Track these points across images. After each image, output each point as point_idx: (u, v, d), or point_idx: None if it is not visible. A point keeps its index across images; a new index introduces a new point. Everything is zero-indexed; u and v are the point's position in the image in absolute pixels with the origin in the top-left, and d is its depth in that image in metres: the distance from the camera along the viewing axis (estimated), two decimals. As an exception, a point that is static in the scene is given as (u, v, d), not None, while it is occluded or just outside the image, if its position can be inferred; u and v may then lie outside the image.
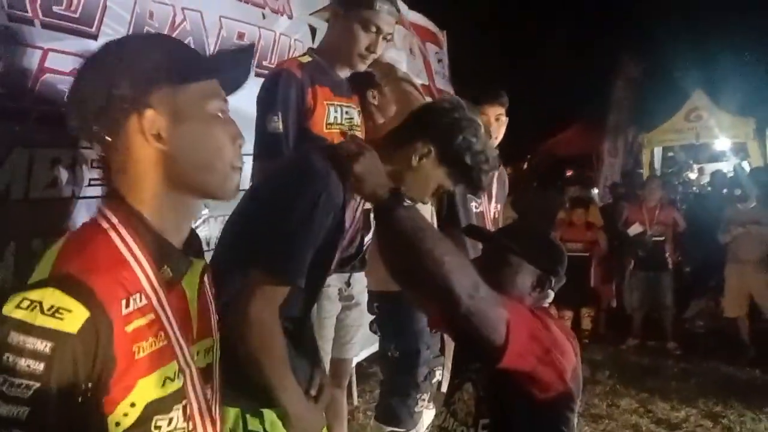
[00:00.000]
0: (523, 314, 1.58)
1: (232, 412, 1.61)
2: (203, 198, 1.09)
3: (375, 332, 2.81)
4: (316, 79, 2.31)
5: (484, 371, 1.69)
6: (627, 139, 12.78)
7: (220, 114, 1.06)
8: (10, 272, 1.83)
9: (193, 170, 1.04)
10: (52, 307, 0.88)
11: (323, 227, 1.56)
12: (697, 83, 12.20)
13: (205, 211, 2.74)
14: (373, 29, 2.26)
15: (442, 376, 3.01)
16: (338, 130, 3.09)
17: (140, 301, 0.96)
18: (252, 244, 1.57)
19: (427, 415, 2.90)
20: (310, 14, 2.99)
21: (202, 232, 2.77)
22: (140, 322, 0.96)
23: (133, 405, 0.94)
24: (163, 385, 0.98)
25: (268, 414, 1.60)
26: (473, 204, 3.12)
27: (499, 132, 3.12)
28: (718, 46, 18.03)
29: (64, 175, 2.05)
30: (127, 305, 0.94)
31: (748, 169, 10.15)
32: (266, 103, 2.28)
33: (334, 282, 2.74)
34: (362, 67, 2.35)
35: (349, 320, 2.57)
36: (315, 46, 2.75)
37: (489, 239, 1.95)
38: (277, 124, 2.22)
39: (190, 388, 1.04)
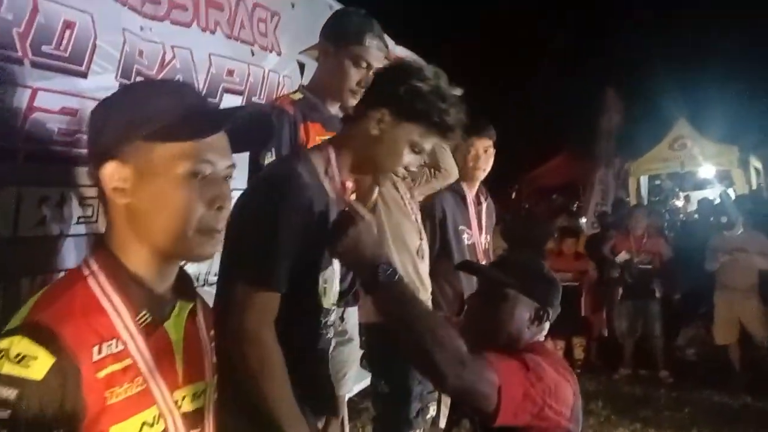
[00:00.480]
0: (514, 374, 1.56)
1: None
2: (172, 259, 1.07)
3: (364, 367, 2.79)
4: (308, 115, 2.35)
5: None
6: (614, 168, 12.94)
7: (195, 176, 1.02)
8: (-3, 312, 1.83)
9: (157, 232, 1.02)
10: (18, 354, 0.89)
11: (295, 230, 1.56)
12: (680, 112, 12.42)
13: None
14: (364, 65, 2.28)
15: (437, 411, 2.98)
16: None
17: (115, 347, 0.97)
18: (232, 261, 1.59)
19: None
20: (300, 53, 3.04)
21: (192, 268, 2.75)
22: (114, 367, 0.96)
23: None
24: (141, 430, 0.98)
25: None
26: (465, 236, 3.14)
27: (487, 164, 3.17)
28: (700, 75, 18.43)
29: (52, 213, 2.04)
30: (99, 351, 0.95)
31: (733, 196, 10.29)
32: None
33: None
34: (353, 102, 2.39)
35: (342, 356, 2.56)
36: (304, 81, 2.79)
37: (484, 274, 1.95)
38: (271, 159, 2.25)
39: None
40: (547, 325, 1.81)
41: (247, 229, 1.56)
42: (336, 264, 1.75)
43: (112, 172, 1.01)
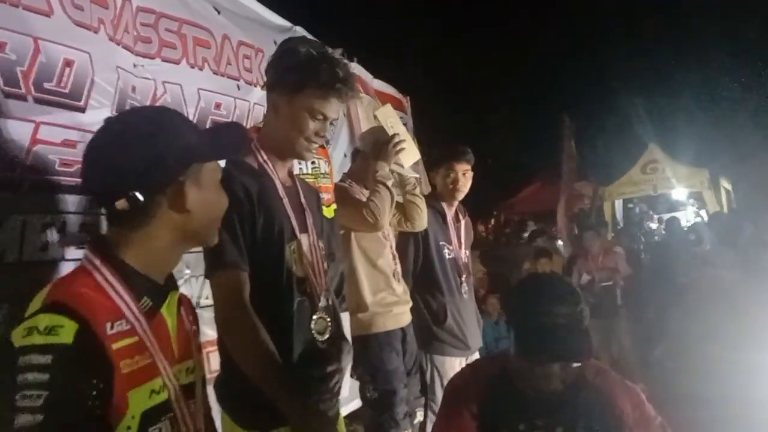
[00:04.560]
0: None
1: None
2: (199, 245, 1.32)
3: (351, 376, 2.92)
4: None
5: None
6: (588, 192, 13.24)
7: (220, 181, 1.33)
8: (2, 332, 1.93)
9: (204, 226, 1.28)
10: (46, 327, 1.04)
11: (236, 215, 1.70)
12: (652, 137, 12.75)
13: (187, 271, 2.85)
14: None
15: (424, 416, 3.12)
16: (308, 179, 3.28)
17: (124, 326, 1.13)
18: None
19: None
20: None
21: (185, 291, 2.86)
22: (125, 342, 1.12)
23: (133, 417, 1.10)
24: (150, 397, 1.14)
25: None
26: (446, 251, 3.31)
27: (466, 185, 3.37)
28: (670, 102, 18.96)
29: (54, 238, 2.16)
30: (112, 327, 1.11)
31: (705, 217, 10.60)
32: None
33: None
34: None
35: None
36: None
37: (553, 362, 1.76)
38: None
39: (174, 401, 1.20)
40: None
41: None
42: (304, 238, 1.88)
43: (182, 191, 1.21)
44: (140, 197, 1.17)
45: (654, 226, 13.38)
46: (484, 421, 1.82)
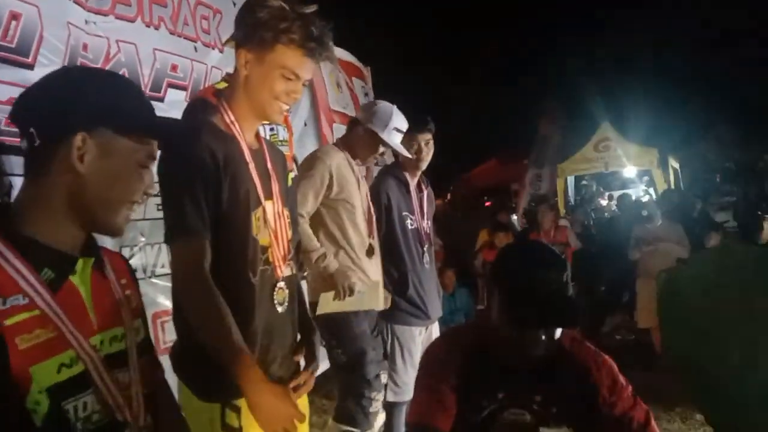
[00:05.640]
0: None
1: (211, 407, 1.69)
2: (89, 230, 1.21)
3: (320, 343, 2.91)
4: None
5: None
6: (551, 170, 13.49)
7: (145, 166, 1.21)
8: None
9: (100, 201, 1.17)
10: None
11: (197, 178, 1.64)
12: (605, 116, 12.98)
13: (142, 239, 2.77)
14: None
15: (393, 384, 3.15)
16: None
17: (21, 300, 1.06)
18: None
19: (382, 417, 3.03)
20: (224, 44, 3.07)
21: (139, 260, 2.79)
22: (21, 316, 1.05)
23: (40, 392, 1.04)
24: (59, 371, 1.08)
25: (246, 407, 1.64)
26: (408, 221, 3.30)
27: (428, 155, 3.37)
28: (623, 81, 19.35)
29: (7, 200, 2.06)
30: (4, 303, 1.04)
31: (654, 195, 10.90)
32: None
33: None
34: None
35: None
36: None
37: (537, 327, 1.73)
38: None
39: (94, 374, 1.14)
40: None
41: (161, 193, 1.68)
42: (269, 205, 1.80)
43: (82, 143, 1.12)
44: (37, 138, 1.12)
45: (604, 202, 13.69)
46: (464, 393, 1.79)
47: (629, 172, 13.66)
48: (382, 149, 3.09)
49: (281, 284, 1.82)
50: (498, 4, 20.54)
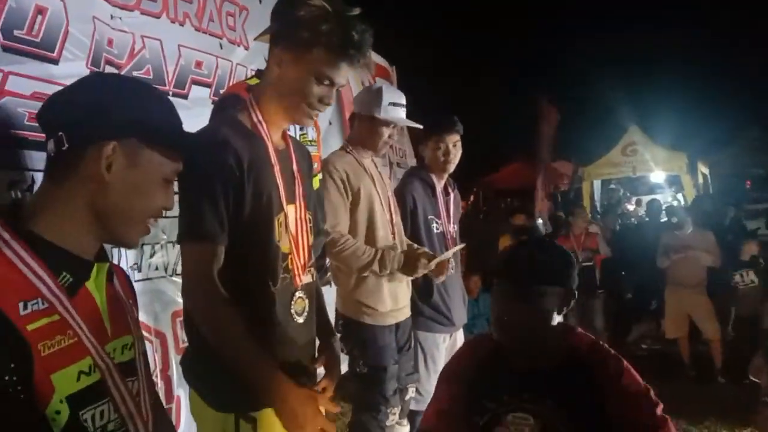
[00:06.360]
0: None
1: (224, 417, 1.62)
2: (104, 239, 1.18)
3: (342, 350, 2.84)
4: None
5: None
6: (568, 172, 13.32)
7: (169, 181, 1.22)
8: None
9: (120, 213, 1.15)
10: None
11: (220, 182, 1.58)
12: (633, 119, 12.79)
13: (163, 236, 2.74)
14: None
15: (416, 393, 3.06)
16: None
17: (41, 305, 1.02)
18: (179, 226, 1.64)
19: (399, 431, 2.93)
20: (256, 37, 3.01)
21: (160, 258, 2.76)
22: (42, 321, 1.01)
23: (61, 401, 1.00)
24: (79, 379, 1.04)
25: (262, 417, 1.59)
26: (434, 225, 3.23)
27: (456, 157, 3.28)
28: (652, 84, 19.09)
29: (21, 197, 2.04)
30: (25, 308, 1.00)
31: (683, 201, 10.68)
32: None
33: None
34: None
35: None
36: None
37: (520, 283, 1.77)
38: None
39: (110, 381, 1.10)
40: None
41: (180, 192, 1.61)
42: (291, 210, 1.73)
43: (112, 152, 1.11)
44: (66, 142, 1.10)
45: (631, 207, 13.49)
46: (471, 397, 1.79)
47: (657, 176, 13.44)
48: (388, 131, 2.89)
49: (300, 293, 1.76)
50: (524, 6, 20.40)
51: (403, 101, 2.93)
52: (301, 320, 1.75)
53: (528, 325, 1.73)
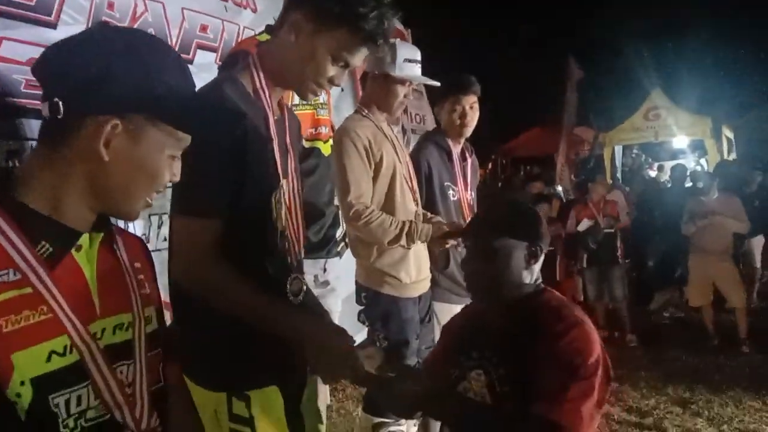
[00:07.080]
0: None
1: (216, 396, 1.56)
2: (101, 211, 1.08)
3: (363, 323, 2.78)
4: None
5: None
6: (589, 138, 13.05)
7: (173, 158, 1.11)
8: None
9: (119, 190, 1.06)
10: None
11: (223, 155, 1.47)
12: (656, 83, 12.46)
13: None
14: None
15: None
16: (306, 111, 3.03)
17: (12, 275, 0.94)
18: (173, 198, 1.54)
19: None
20: None
21: (167, 229, 2.70)
22: (9, 294, 0.93)
23: (22, 384, 0.92)
24: (49, 360, 0.95)
25: (256, 397, 1.55)
26: (450, 192, 3.11)
27: (474, 119, 3.14)
28: (675, 47, 18.56)
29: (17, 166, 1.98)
30: None
31: (706, 166, 10.42)
32: None
33: (308, 269, 2.69)
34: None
35: (325, 306, 2.53)
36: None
37: (477, 237, 1.83)
38: None
39: (91, 365, 1.00)
40: (542, 258, 1.78)
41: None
42: (285, 185, 1.64)
43: (113, 129, 1.00)
44: (61, 108, 0.98)
45: (653, 173, 13.19)
46: (452, 350, 1.87)
47: (680, 141, 13.11)
48: (404, 90, 2.74)
49: (296, 273, 1.69)
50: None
51: (419, 57, 2.79)
52: (297, 300, 1.68)
53: (488, 283, 1.75)
